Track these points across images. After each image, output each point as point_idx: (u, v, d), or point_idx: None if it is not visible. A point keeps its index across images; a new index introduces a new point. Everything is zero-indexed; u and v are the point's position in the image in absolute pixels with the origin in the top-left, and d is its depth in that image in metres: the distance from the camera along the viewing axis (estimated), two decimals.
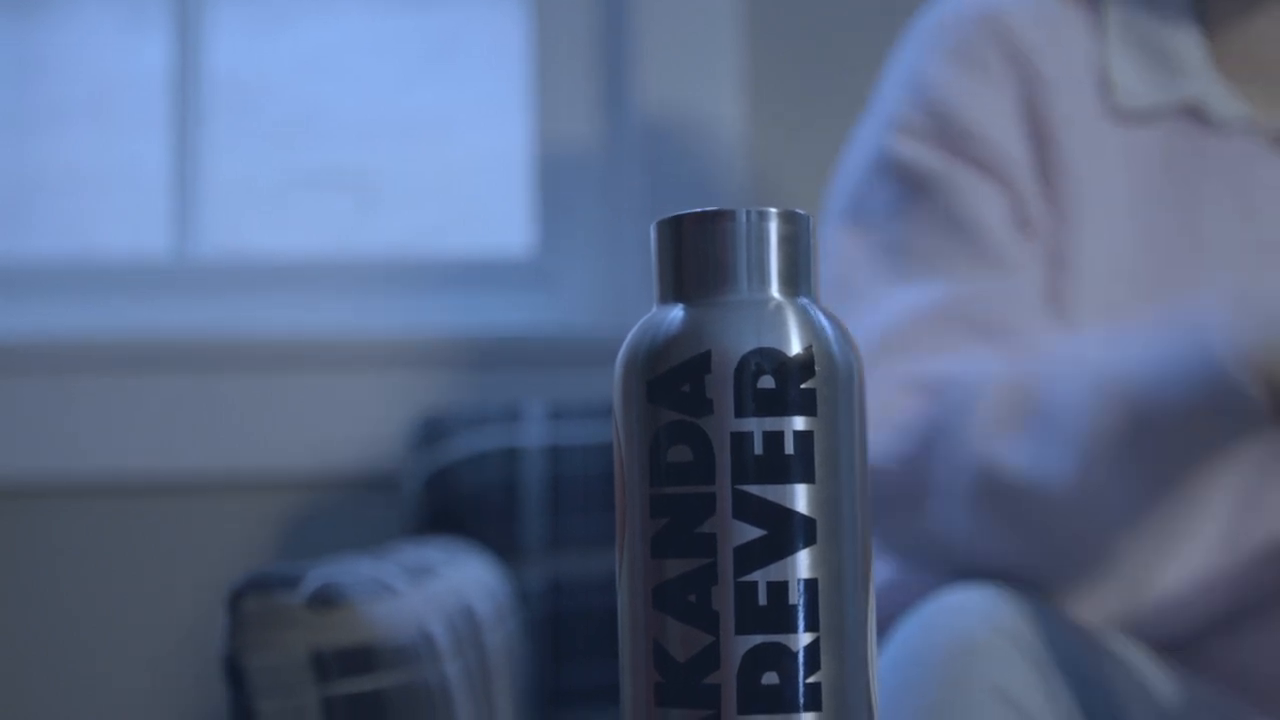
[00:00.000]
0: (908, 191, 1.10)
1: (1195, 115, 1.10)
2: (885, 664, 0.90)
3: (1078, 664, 0.90)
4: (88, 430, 1.65)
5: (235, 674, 0.96)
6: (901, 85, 1.14)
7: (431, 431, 1.53)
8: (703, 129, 1.57)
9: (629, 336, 0.55)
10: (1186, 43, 1.10)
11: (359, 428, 1.66)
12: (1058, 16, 1.13)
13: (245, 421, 1.65)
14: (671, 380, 0.53)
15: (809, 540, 0.52)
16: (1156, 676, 0.99)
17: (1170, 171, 1.10)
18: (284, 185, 1.83)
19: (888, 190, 1.11)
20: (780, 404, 0.52)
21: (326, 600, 0.97)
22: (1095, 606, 0.99)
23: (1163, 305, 1.07)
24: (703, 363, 0.52)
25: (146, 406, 1.65)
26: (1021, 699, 0.86)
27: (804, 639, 0.51)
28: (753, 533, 0.52)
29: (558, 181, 1.78)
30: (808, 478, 0.52)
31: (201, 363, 1.66)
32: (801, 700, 0.51)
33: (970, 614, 0.89)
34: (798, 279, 0.55)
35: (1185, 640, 1.04)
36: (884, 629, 1.08)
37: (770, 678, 0.51)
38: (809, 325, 0.54)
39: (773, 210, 0.54)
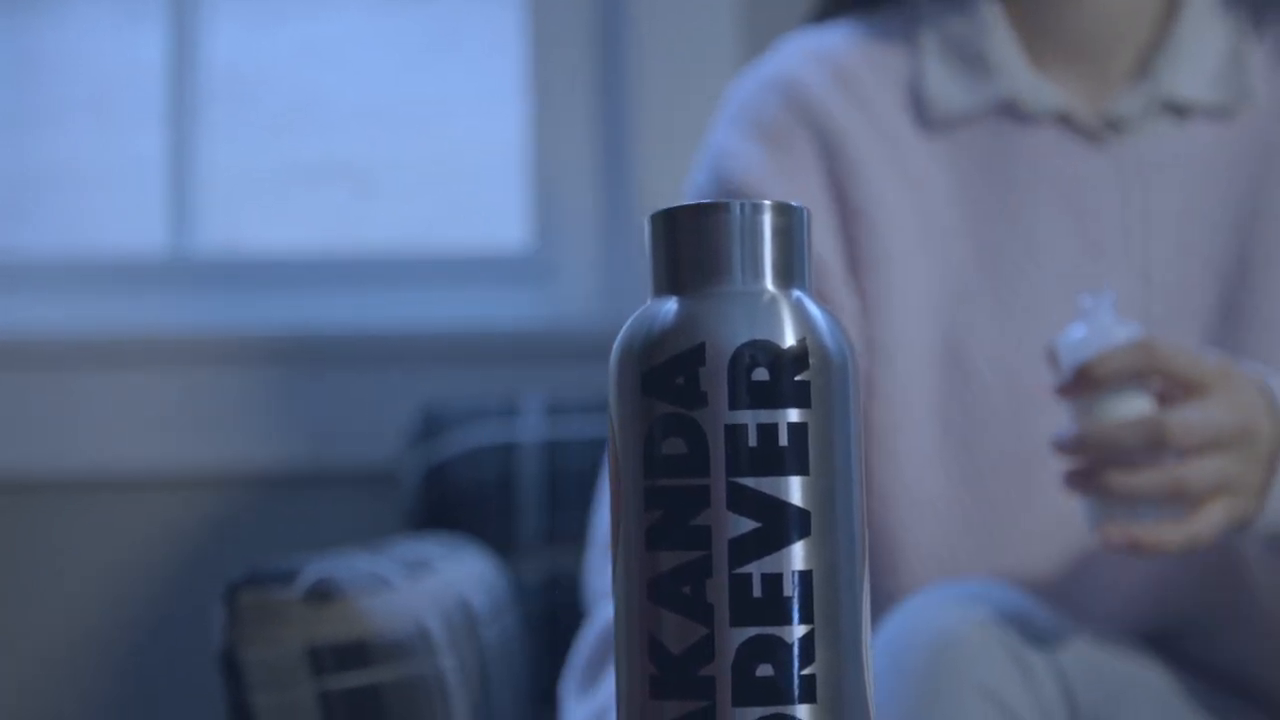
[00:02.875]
0: None
1: (1009, 112, 1.10)
2: None
3: (1060, 659, 0.90)
4: (86, 426, 1.65)
5: (232, 668, 0.96)
6: (708, 163, 1.15)
7: (429, 426, 1.53)
8: (700, 121, 1.56)
9: (623, 329, 0.55)
10: (998, 42, 1.11)
11: (356, 422, 1.66)
12: (866, 57, 1.14)
13: (242, 416, 1.65)
14: (666, 372, 0.53)
15: (804, 532, 0.52)
16: (1141, 670, 0.99)
17: (991, 173, 1.10)
18: (282, 179, 1.83)
19: None
20: (774, 396, 0.52)
21: (323, 594, 0.97)
22: None
23: (1003, 323, 1.07)
24: (697, 355, 0.52)
25: (144, 402, 1.65)
26: (1004, 694, 0.86)
27: (799, 631, 0.51)
28: (747, 525, 0.52)
29: (555, 175, 1.78)
30: (802, 470, 0.52)
31: (199, 358, 1.66)
32: (797, 692, 0.51)
33: (952, 610, 0.89)
34: (792, 271, 0.55)
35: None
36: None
37: (765, 670, 0.51)
38: (803, 317, 0.53)
39: (766, 203, 0.54)
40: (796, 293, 0.54)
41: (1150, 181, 1.08)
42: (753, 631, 0.51)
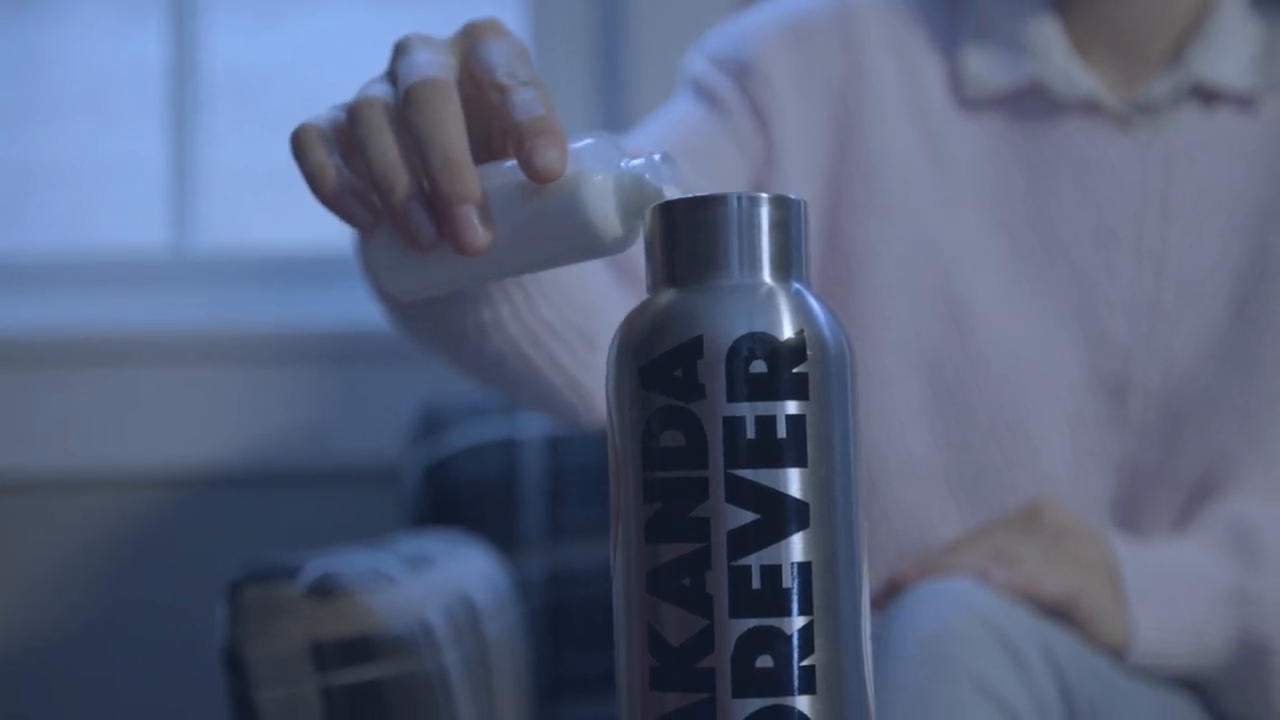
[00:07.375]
0: (693, 99, 1.15)
1: (1040, 94, 1.11)
2: None
3: (1055, 653, 0.90)
4: (86, 424, 1.65)
5: (235, 664, 0.96)
6: (729, 33, 1.17)
7: (430, 422, 1.53)
8: None
9: (621, 322, 0.55)
10: (1040, 26, 1.11)
11: (358, 419, 1.66)
12: (915, 20, 1.15)
13: (244, 413, 1.65)
14: (664, 365, 0.53)
15: (802, 524, 0.52)
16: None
17: (1017, 154, 1.11)
18: (282, 177, 1.83)
19: (681, 98, 1.16)
20: (772, 388, 0.52)
21: (326, 590, 0.97)
22: None
23: (1010, 295, 1.09)
24: (695, 348, 0.53)
25: (145, 400, 1.65)
26: (998, 686, 0.86)
27: (798, 622, 0.52)
28: (746, 517, 0.52)
29: None
30: (800, 462, 0.52)
31: (200, 356, 1.66)
32: (796, 683, 0.51)
33: (948, 603, 0.89)
34: (789, 263, 0.55)
35: None
36: None
37: (765, 661, 0.51)
38: (801, 309, 0.54)
39: (764, 195, 0.55)
40: (795, 285, 0.55)
41: (1172, 168, 1.09)
42: (752, 623, 0.51)
